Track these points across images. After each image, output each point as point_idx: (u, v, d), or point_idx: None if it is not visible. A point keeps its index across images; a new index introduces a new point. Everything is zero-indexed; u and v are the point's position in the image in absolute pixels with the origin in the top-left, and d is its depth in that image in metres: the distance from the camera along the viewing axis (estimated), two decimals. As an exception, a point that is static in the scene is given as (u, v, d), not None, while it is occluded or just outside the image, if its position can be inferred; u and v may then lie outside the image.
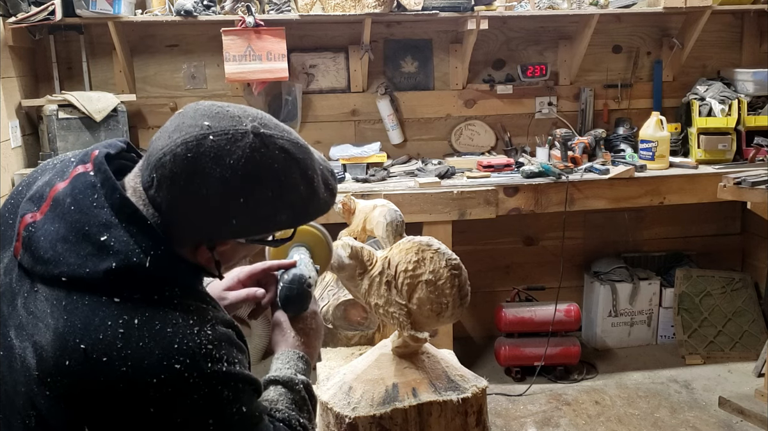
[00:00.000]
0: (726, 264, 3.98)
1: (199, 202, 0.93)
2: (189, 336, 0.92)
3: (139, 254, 0.92)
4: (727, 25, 3.85)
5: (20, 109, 3.15)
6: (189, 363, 0.90)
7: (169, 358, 0.90)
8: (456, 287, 1.46)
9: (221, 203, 0.93)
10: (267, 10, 3.27)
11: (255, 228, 0.99)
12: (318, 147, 3.59)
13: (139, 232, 0.93)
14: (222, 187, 0.92)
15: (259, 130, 0.96)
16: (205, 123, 0.94)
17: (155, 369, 0.89)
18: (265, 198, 0.95)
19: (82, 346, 0.89)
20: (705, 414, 3.12)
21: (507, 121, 3.79)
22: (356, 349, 2.18)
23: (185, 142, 0.92)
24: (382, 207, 2.10)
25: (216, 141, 0.92)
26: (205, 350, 0.92)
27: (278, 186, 0.96)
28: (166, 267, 0.94)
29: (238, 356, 0.98)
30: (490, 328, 3.81)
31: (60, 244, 0.93)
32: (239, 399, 0.97)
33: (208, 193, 0.92)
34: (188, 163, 0.91)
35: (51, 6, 2.99)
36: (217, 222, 0.95)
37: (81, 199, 0.94)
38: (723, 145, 3.50)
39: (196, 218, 0.95)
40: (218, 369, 0.93)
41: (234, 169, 0.92)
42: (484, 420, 1.57)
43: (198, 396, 0.91)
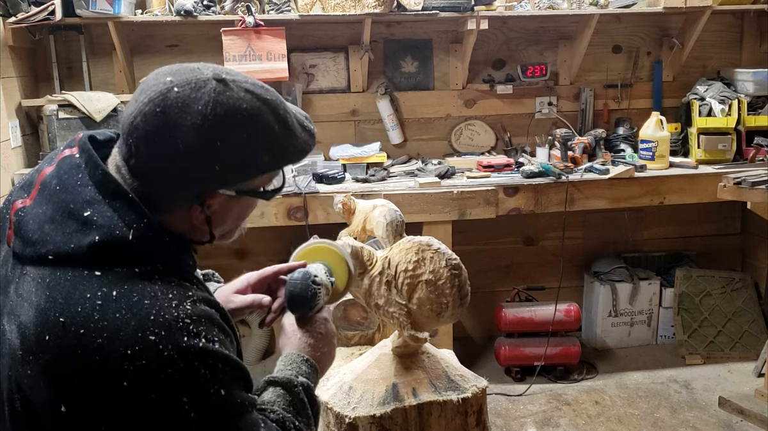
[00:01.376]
0: (726, 264, 3.98)
1: (177, 154, 0.93)
2: (166, 309, 0.91)
3: (122, 227, 0.93)
4: (727, 25, 3.85)
5: (20, 109, 3.15)
6: (164, 335, 0.89)
7: (144, 330, 0.88)
8: (456, 287, 1.46)
9: (199, 150, 0.93)
10: (267, 10, 3.27)
11: (239, 174, 0.99)
12: (318, 147, 3.60)
13: (122, 206, 0.94)
14: (196, 133, 0.93)
15: (221, 75, 0.97)
16: (167, 79, 0.95)
17: (130, 340, 0.88)
18: (241, 139, 0.96)
19: (61, 320, 0.89)
20: (705, 414, 3.12)
21: (507, 121, 3.79)
22: (356, 349, 2.18)
23: (151, 99, 0.93)
24: (382, 207, 2.10)
25: (180, 92, 0.94)
26: (182, 323, 0.91)
27: (251, 125, 0.97)
28: (150, 240, 0.94)
29: (219, 336, 0.96)
30: (490, 328, 3.81)
31: (47, 225, 0.94)
32: (217, 379, 0.93)
33: (184, 143, 0.92)
34: (158, 118, 0.93)
35: (51, 6, 2.99)
36: (199, 172, 0.95)
37: (66, 179, 0.96)
38: (723, 145, 3.50)
39: (178, 173, 0.95)
40: (195, 343, 0.91)
41: (204, 115, 0.93)
42: (484, 420, 1.57)
43: (172, 371, 0.89)
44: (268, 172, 1.03)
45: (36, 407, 0.91)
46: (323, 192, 3.07)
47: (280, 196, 3.00)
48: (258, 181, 1.04)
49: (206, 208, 1.00)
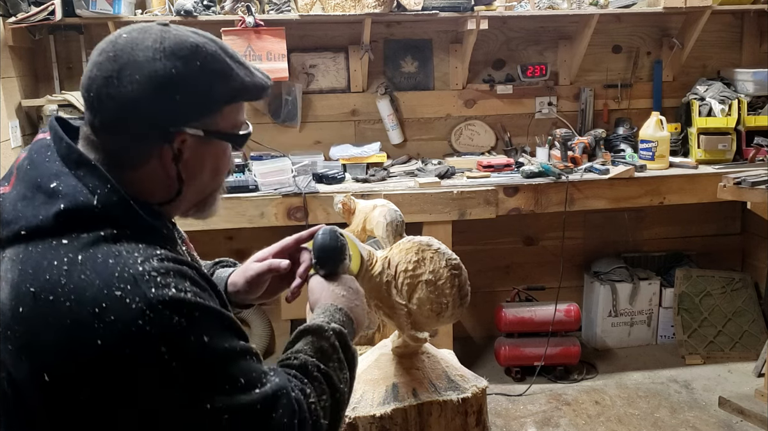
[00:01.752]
0: (726, 264, 3.98)
1: (136, 91, 0.95)
2: (131, 265, 0.90)
3: (87, 194, 0.94)
4: (727, 25, 3.85)
5: (20, 109, 3.15)
6: (129, 289, 0.88)
7: (109, 286, 0.88)
8: (456, 287, 1.46)
9: (156, 83, 0.95)
10: (267, 10, 3.27)
11: (200, 106, 0.99)
12: (318, 147, 3.61)
13: (86, 174, 0.95)
14: (150, 66, 0.95)
15: (165, 22, 1.02)
16: (118, 32, 1.01)
17: (96, 298, 0.87)
18: (194, 67, 0.97)
19: (31, 290, 0.89)
20: (705, 414, 3.12)
21: (507, 121, 3.79)
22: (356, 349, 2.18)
23: (101, 50, 0.98)
24: (382, 207, 2.10)
25: (128, 36, 0.98)
26: (149, 277, 0.90)
27: (201, 55, 0.99)
28: (115, 204, 0.95)
29: (193, 289, 0.93)
30: (490, 328, 3.81)
31: (20, 203, 0.95)
32: (196, 327, 0.91)
33: (142, 77, 0.94)
34: (111, 61, 0.96)
35: (51, 6, 2.99)
36: (160, 105, 0.96)
37: (36, 158, 0.98)
38: (723, 145, 3.50)
39: (141, 113, 0.96)
40: (163, 293, 0.89)
41: (154, 48, 0.96)
42: (484, 420, 1.57)
43: (143, 322, 0.87)
44: (227, 103, 1.03)
45: (20, 383, 0.91)
46: (323, 192, 3.07)
47: (279, 195, 3.02)
48: (224, 121, 1.03)
49: (176, 149, 0.99)
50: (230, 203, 2.99)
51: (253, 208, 3.02)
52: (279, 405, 0.95)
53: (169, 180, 1.02)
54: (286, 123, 3.59)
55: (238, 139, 1.07)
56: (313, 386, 1.01)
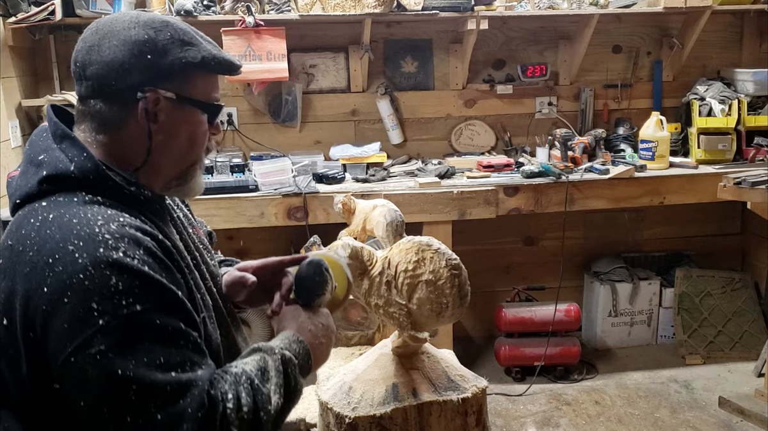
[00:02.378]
0: (726, 264, 3.98)
1: (114, 54, 1.07)
2: (90, 226, 0.98)
3: (66, 162, 1.05)
4: (727, 25, 3.85)
5: (20, 109, 3.15)
6: (81, 245, 0.96)
7: (65, 241, 0.96)
8: (456, 287, 1.46)
9: (133, 45, 1.08)
10: (267, 10, 3.27)
11: (171, 68, 1.09)
12: (318, 147, 3.61)
13: (67, 146, 1.08)
14: (127, 32, 1.09)
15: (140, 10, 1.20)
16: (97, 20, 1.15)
17: (52, 250, 0.96)
18: (165, 36, 1.10)
19: (9, 242, 1.02)
20: (705, 414, 3.12)
21: (507, 121, 3.79)
22: (356, 349, 2.18)
23: (87, 29, 1.13)
24: (382, 207, 2.10)
25: (109, 17, 1.14)
26: (102, 238, 0.97)
27: (172, 28, 1.11)
28: (91, 171, 1.05)
29: (144, 257, 0.98)
30: (490, 328, 3.81)
31: (19, 179, 1.09)
32: (132, 294, 0.94)
33: (120, 42, 1.08)
34: (94, 34, 1.11)
35: (51, 6, 2.98)
36: (134, 67, 1.07)
37: (33, 139, 1.12)
38: (723, 145, 3.50)
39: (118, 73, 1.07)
40: (109, 254, 0.96)
41: (131, 20, 1.11)
42: (484, 420, 1.57)
43: (84, 276, 0.94)
44: (197, 70, 1.12)
45: (3, 341, 1.00)
46: (323, 192, 3.07)
47: (279, 195, 3.02)
48: (195, 89, 1.13)
49: (150, 108, 1.08)
50: (230, 203, 2.99)
51: (253, 207, 3.02)
52: (190, 394, 0.94)
53: (142, 147, 1.11)
54: (286, 123, 3.59)
55: (209, 108, 1.16)
56: (237, 395, 1.00)
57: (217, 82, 1.19)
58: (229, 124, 3.54)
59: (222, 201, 2.99)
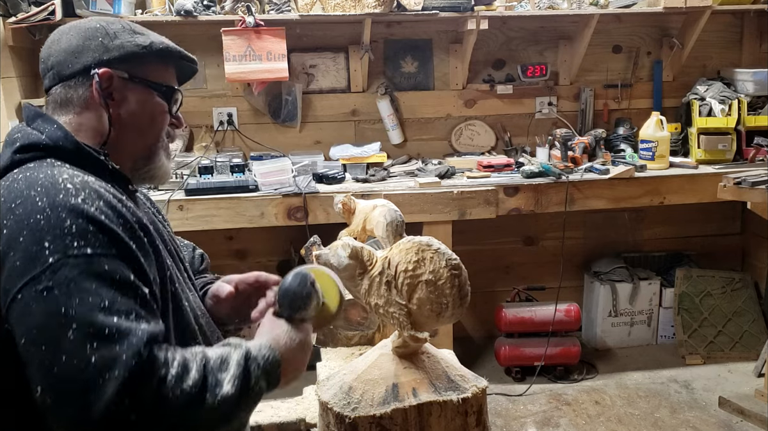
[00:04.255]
0: (726, 264, 3.98)
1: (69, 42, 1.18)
2: (54, 178, 1.03)
3: (38, 134, 1.12)
4: (727, 25, 3.85)
5: (20, 109, 3.14)
6: (43, 191, 1.01)
7: (29, 189, 1.01)
8: (456, 287, 1.46)
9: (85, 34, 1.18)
10: (267, 10, 3.27)
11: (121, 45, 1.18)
12: (318, 147, 3.61)
13: (39, 122, 1.15)
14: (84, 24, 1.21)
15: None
16: None
17: (16, 196, 1.01)
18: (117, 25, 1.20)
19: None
20: (705, 414, 3.12)
21: (507, 121, 3.79)
22: (356, 349, 2.18)
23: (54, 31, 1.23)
24: (382, 207, 2.10)
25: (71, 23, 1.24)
26: (63, 186, 1.02)
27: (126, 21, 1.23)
28: (61, 139, 1.11)
29: (103, 208, 1.02)
30: (490, 328, 3.81)
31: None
32: (83, 237, 0.97)
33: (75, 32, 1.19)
34: (56, 33, 1.22)
35: (51, 6, 2.98)
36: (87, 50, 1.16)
37: (10, 130, 1.17)
38: (723, 145, 3.50)
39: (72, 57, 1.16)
40: (68, 200, 1.00)
41: (89, 18, 1.23)
42: (484, 420, 1.57)
43: (41, 217, 0.98)
44: (148, 53, 1.19)
45: None
46: (323, 192, 3.07)
47: (279, 195, 3.02)
48: (150, 72, 1.21)
49: (103, 87, 1.16)
50: (230, 203, 2.99)
51: (253, 207, 3.02)
52: (127, 341, 0.94)
53: (104, 125, 1.17)
54: (286, 123, 3.59)
55: (162, 88, 1.22)
56: (185, 365, 0.98)
57: (173, 73, 1.26)
58: (229, 124, 3.54)
59: (222, 201, 2.99)
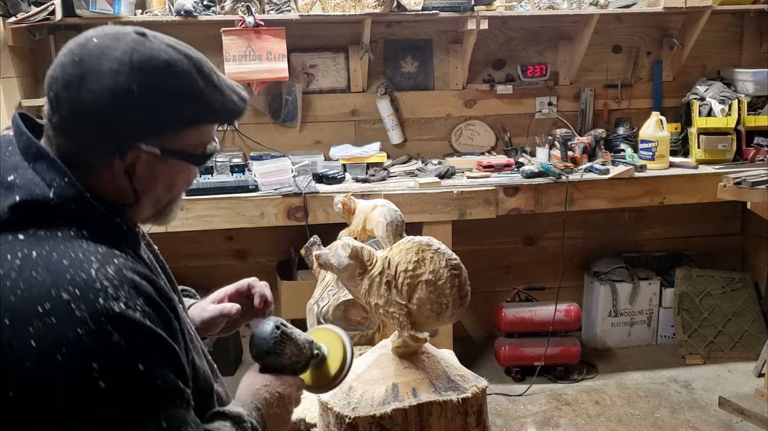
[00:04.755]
0: (726, 264, 3.98)
1: (94, 100, 0.91)
2: (85, 270, 0.87)
3: (43, 186, 0.91)
4: (727, 25, 3.85)
5: (20, 109, 3.15)
6: (78, 294, 0.85)
7: (57, 287, 0.85)
8: (456, 287, 1.46)
9: (115, 96, 0.91)
10: (267, 10, 3.27)
11: (159, 124, 0.96)
12: (318, 147, 3.61)
13: (43, 167, 0.93)
14: (113, 79, 0.91)
15: (144, 32, 0.97)
16: (89, 34, 0.96)
17: (42, 297, 0.84)
18: (159, 86, 0.94)
19: None
20: (705, 414, 3.12)
21: (507, 121, 3.79)
22: (356, 349, 2.18)
23: (70, 51, 0.94)
24: (382, 207, 2.10)
25: (99, 42, 0.94)
26: (100, 285, 0.86)
27: (171, 74, 0.94)
28: (72, 199, 0.92)
29: (145, 307, 0.89)
30: (490, 328, 3.81)
31: None
32: (134, 352, 0.87)
33: (101, 89, 0.91)
34: (76, 66, 0.92)
35: (51, 6, 2.98)
36: (116, 119, 0.92)
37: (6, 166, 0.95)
38: (723, 145, 3.50)
39: (96, 121, 0.93)
40: (111, 306, 0.86)
41: (120, 61, 0.92)
42: (484, 420, 1.57)
43: (83, 332, 0.83)
44: (191, 125, 0.99)
45: None
46: (323, 192, 3.07)
47: (279, 195, 3.02)
48: (185, 141, 0.99)
49: (128, 164, 0.96)
50: (230, 203, 2.99)
51: (253, 207, 3.02)
52: None
53: (122, 191, 0.98)
54: (286, 123, 3.59)
55: (197, 159, 1.03)
56: None
57: (214, 128, 1.06)
58: (229, 124, 3.54)
59: (222, 201, 2.99)
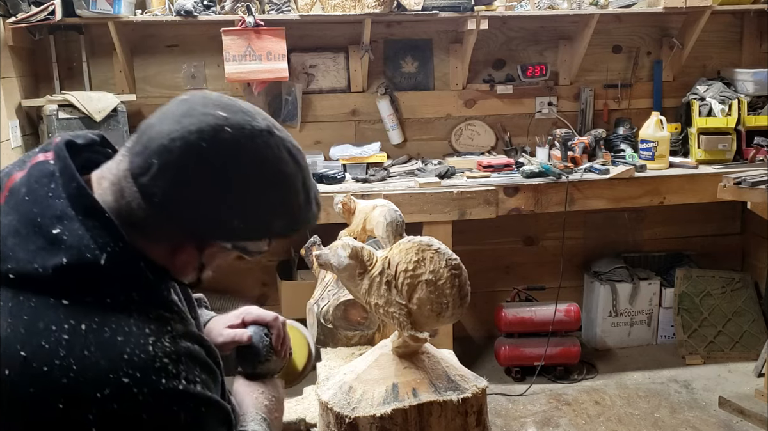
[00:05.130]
0: (726, 264, 3.98)
1: (203, 195, 0.86)
2: (142, 347, 0.82)
3: (94, 250, 0.83)
4: (727, 25, 3.85)
5: (20, 109, 3.15)
6: (139, 377, 0.81)
7: (116, 370, 0.80)
8: (456, 287, 1.46)
9: (227, 200, 0.87)
10: (267, 10, 3.27)
11: (251, 233, 0.93)
12: (318, 147, 3.61)
13: (96, 226, 0.84)
14: (231, 183, 0.86)
15: (273, 130, 0.91)
16: (220, 113, 0.87)
17: (99, 381, 0.79)
18: (269, 202, 0.90)
19: (22, 353, 0.79)
20: (705, 414, 3.12)
21: (507, 121, 3.79)
22: (356, 349, 2.18)
23: (200, 129, 0.85)
24: (382, 207, 2.10)
25: (233, 134, 0.86)
26: (160, 364, 0.83)
27: (286, 190, 0.92)
28: (125, 266, 0.85)
29: (201, 376, 0.88)
30: (490, 328, 3.81)
31: (11, 238, 0.83)
32: (200, 425, 0.87)
33: (215, 188, 0.86)
34: (201, 152, 0.84)
35: (51, 6, 2.98)
36: (217, 221, 0.88)
37: (36, 189, 0.85)
38: (723, 145, 3.50)
39: (194, 213, 0.86)
40: (174, 386, 0.83)
41: (248, 167, 0.87)
42: (484, 420, 1.57)
43: (148, 417, 0.81)
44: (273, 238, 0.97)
45: None
46: (323, 192, 3.06)
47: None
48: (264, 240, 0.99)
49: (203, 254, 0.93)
50: (230, 203, 2.99)
51: (253, 208, 3.01)
52: None
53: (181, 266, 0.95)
54: (286, 123, 3.59)
55: (254, 255, 1.00)
56: None
57: None
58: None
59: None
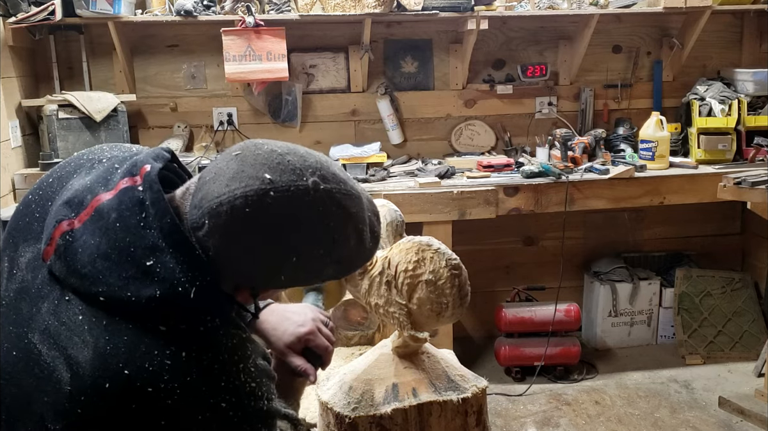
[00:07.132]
0: (726, 264, 3.98)
1: (251, 256, 0.91)
2: (235, 374, 0.94)
3: (185, 284, 0.89)
4: (727, 25, 3.85)
5: (20, 109, 3.15)
6: (234, 402, 0.93)
7: (215, 396, 0.91)
8: (456, 287, 1.46)
9: (274, 260, 0.92)
10: (267, 10, 3.27)
11: (300, 282, 1.05)
12: (318, 147, 3.60)
13: (187, 261, 0.90)
14: (278, 246, 0.91)
15: (320, 185, 0.93)
16: (267, 176, 0.90)
17: (201, 405, 0.90)
18: (318, 255, 0.94)
19: (125, 371, 0.87)
20: (705, 414, 3.12)
21: (507, 121, 3.79)
22: (356, 349, 2.18)
23: (245, 195, 0.89)
24: (382, 207, 2.09)
25: (276, 198, 0.89)
26: (249, 388, 0.95)
27: (331, 243, 0.94)
28: (209, 298, 0.92)
29: (276, 390, 1.04)
30: (490, 328, 3.81)
31: (100, 261, 0.90)
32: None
33: (262, 250, 0.91)
34: (246, 218, 0.89)
35: (51, 6, 2.99)
36: (265, 276, 0.96)
37: (128, 216, 0.91)
38: (723, 145, 3.50)
39: (244, 270, 0.94)
40: (261, 407, 0.97)
41: (292, 229, 0.91)
42: (484, 420, 1.57)
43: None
44: (325, 281, 1.10)
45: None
46: (323, 192, 3.07)
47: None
48: None
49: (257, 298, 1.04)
50: (230, 203, 2.99)
51: (253, 208, 3.01)
52: None
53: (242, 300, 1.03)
54: (286, 123, 3.59)
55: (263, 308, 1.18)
56: None
57: None
58: (229, 124, 3.54)
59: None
